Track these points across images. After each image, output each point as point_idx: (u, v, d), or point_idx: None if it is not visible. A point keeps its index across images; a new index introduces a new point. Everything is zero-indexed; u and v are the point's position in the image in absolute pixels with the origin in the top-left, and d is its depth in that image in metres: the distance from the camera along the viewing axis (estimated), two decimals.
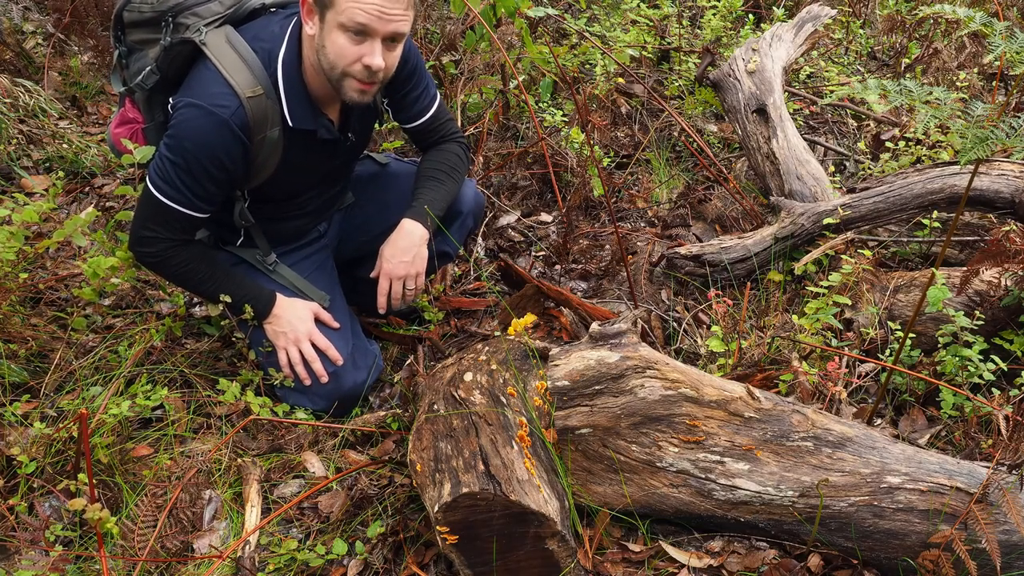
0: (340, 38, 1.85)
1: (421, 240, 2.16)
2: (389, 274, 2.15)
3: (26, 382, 2.12)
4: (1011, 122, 1.60)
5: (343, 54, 1.87)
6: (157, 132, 2.09)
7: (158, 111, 2.07)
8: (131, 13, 2.00)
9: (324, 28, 1.87)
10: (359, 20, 1.82)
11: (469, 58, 3.51)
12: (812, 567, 1.71)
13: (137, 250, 2.04)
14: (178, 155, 1.91)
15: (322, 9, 1.86)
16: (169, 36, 1.95)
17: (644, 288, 2.61)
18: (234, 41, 1.95)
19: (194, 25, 1.94)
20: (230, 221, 2.13)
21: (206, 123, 1.89)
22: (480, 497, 1.55)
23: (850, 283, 2.36)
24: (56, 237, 2.11)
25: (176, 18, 1.95)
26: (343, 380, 2.14)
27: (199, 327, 2.38)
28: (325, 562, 1.77)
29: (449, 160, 2.29)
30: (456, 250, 2.44)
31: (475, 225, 2.49)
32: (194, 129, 1.90)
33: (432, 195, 2.22)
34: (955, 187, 2.51)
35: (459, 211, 2.37)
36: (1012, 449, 1.77)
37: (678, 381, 1.74)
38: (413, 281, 2.18)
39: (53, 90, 3.61)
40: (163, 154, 1.93)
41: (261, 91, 1.93)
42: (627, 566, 1.76)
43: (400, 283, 2.16)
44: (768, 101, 3.08)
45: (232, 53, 1.93)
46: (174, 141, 1.91)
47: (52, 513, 1.82)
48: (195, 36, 1.93)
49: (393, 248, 2.15)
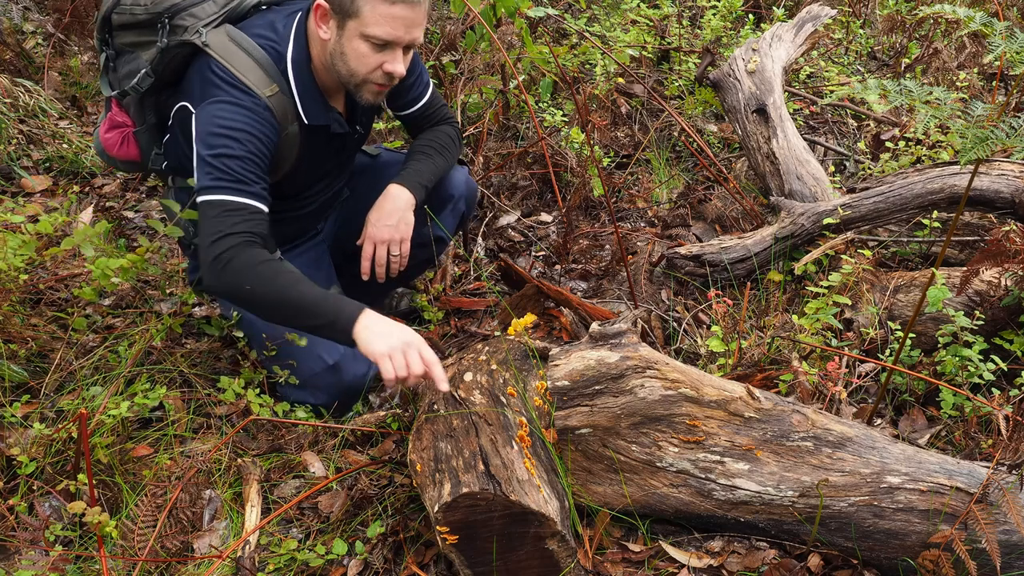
0: (362, 46, 1.86)
1: (406, 205, 2.13)
2: (373, 238, 2.13)
3: (26, 382, 2.12)
4: (1011, 122, 1.60)
5: (365, 62, 1.88)
6: (149, 134, 2.07)
7: (150, 113, 2.05)
8: (121, 16, 1.96)
9: (343, 35, 1.87)
10: (386, 35, 1.84)
11: (469, 58, 3.51)
12: (812, 567, 1.71)
13: (215, 273, 1.78)
14: (218, 146, 1.82)
15: (342, 17, 1.85)
16: (166, 38, 1.93)
17: (644, 288, 2.61)
18: (240, 40, 1.93)
19: (192, 26, 1.92)
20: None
21: (238, 110, 1.85)
22: (480, 497, 1.55)
23: (850, 283, 2.36)
24: (65, 245, 2.09)
25: (173, 20, 1.92)
26: (344, 373, 2.13)
27: (199, 327, 2.38)
28: (325, 562, 1.77)
29: (440, 139, 2.29)
30: (449, 235, 2.41)
31: (468, 211, 2.45)
32: (228, 117, 1.84)
33: (420, 166, 2.20)
34: (955, 187, 2.51)
35: (450, 195, 2.35)
36: (1012, 449, 1.77)
37: (678, 381, 1.74)
38: (398, 247, 2.13)
39: (53, 90, 3.61)
40: (202, 157, 1.84)
41: (277, 89, 1.92)
42: (627, 566, 1.76)
43: (384, 248, 2.13)
44: (768, 101, 3.08)
45: (241, 53, 1.91)
46: (210, 138, 1.83)
47: (52, 513, 1.82)
48: (195, 38, 1.91)
49: (379, 212, 2.13)
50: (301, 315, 1.76)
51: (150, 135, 2.08)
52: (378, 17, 1.82)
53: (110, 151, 2.13)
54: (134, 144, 2.12)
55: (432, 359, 1.70)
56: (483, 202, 3.11)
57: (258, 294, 1.78)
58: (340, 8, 1.85)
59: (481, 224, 3.02)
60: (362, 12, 1.82)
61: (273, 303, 1.78)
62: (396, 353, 1.68)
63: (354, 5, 1.83)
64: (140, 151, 2.14)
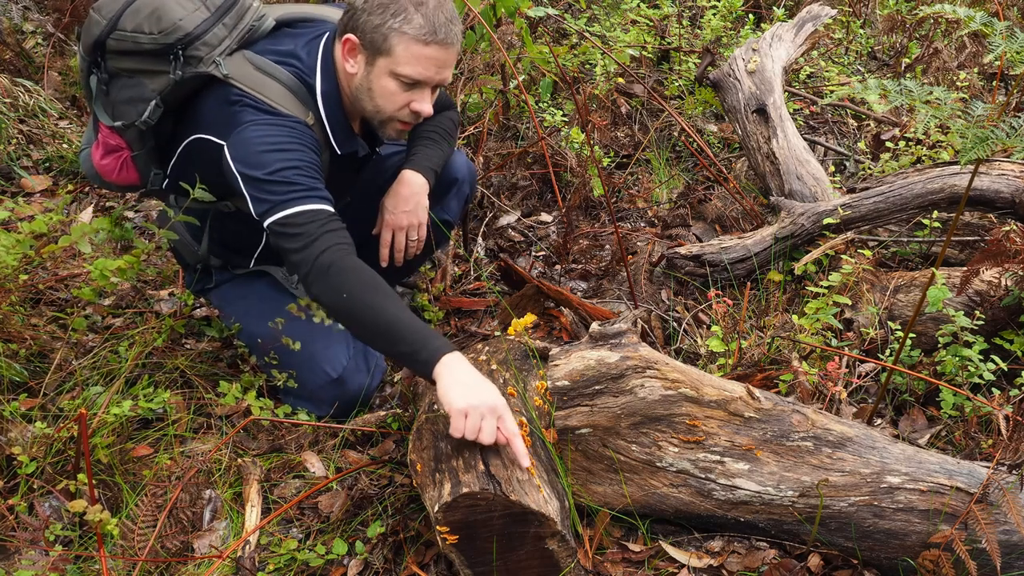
0: (391, 84, 1.83)
1: (422, 189, 2.12)
2: (392, 226, 2.11)
3: (26, 382, 2.12)
4: (1011, 122, 1.60)
5: (393, 100, 1.85)
6: (148, 157, 1.99)
7: (150, 138, 1.97)
8: (121, 43, 1.84)
9: (372, 71, 1.83)
10: (417, 75, 1.81)
11: (469, 58, 3.51)
12: (812, 567, 1.72)
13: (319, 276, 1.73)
14: (272, 163, 1.76)
15: (373, 54, 1.81)
16: (180, 70, 1.83)
17: (644, 288, 2.61)
18: (264, 67, 1.85)
19: (208, 57, 1.83)
20: (255, 243, 2.12)
21: (280, 128, 1.80)
22: (480, 497, 1.55)
23: (850, 283, 2.37)
24: (62, 243, 2.09)
25: (186, 51, 1.82)
26: (348, 385, 2.11)
27: (199, 327, 2.38)
28: (325, 562, 1.77)
29: (444, 124, 2.26)
30: (456, 217, 2.43)
31: (471, 192, 2.47)
32: (272, 134, 1.78)
33: (429, 151, 2.18)
34: (955, 187, 2.51)
35: (455, 178, 2.35)
36: (1012, 449, 1.77)
37: (678, 381, 1.74)
38: (415, 232, 2.13)
39: (53, 90, 3.61)
40: (257, 179, 1.77)
41: (312, 119, 1.87)
42: (627, 566, 1.76)
43: (403, 234, 2.12)
44: (768, 101, 3.08)
45: (270, 81, 1.84)
46: (259, 158, 1.77)
47: (52, 513, 1.82)
48: (212, 69, 1.83)
49: (395, 199, 2.11)
50: (389, 336, 1.67)
51: (148, 157, 2.00)
52: (411, 57, 1.79)
53: (107, 177, 2.05)
54: (132, 168, 2.04)
55: (513, 431, 1.59)
56: (483, 202, 3.12)
57: (356, 306, 1.70)
58: (371, 45, 1.80)
59: (481, 224, 3.03)
60: (395, 51, 1.79)
61: (367, 319, 1.69)
62: (474, 414, 1.58)
63: (387, 43, 1.78)
64: (139, 174, 2.06)
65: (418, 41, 1.77)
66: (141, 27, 1.82)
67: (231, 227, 2.10)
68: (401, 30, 1.77)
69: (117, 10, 1.84)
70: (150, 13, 1.82)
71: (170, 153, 2.01)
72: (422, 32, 1.77)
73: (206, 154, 1.89)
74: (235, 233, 2.11)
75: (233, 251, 2.19)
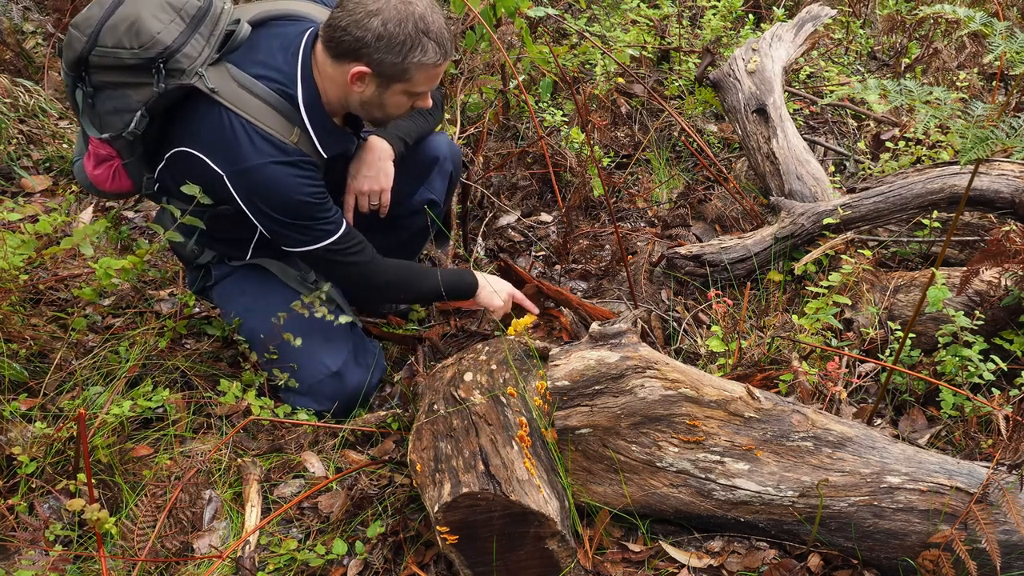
0: (403, 99, 1.96)
1: (386, 155, 2.18)
2: (355, 190, 2.18)
3: (26, 382, 2.12)
4: (1011, 122, 1.60)
5: (403, 108, 1.99)
6: (139, 164, 2.01)
7: (138, 145, 1.97)
8: (103, 58, 1.84)
9: (386, 92, 1.92)
10: (427, 87, 1.95)
11: (469, 58, 3.51)
12: (812, 567, 1.72)
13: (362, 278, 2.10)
14: (292, 208, 1.94)
15: (388, 81, 1.89)
16: (163, 83, 1.84)
17: (644, 288, 2.61)
18: (249, 85, 1.89)
19: (190, 69, 1.84)
20: (248, 237, 2.15)
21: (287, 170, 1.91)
22: (480, 497, 1.55)
23: (850, 283, 2.36)
24: (65, 245, 2.08)
25: (167, 63, 1.82)
26: (347, 380, 2.14)
27: (199, 327, 2.38)
28: (325, 562, 1.77)
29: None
30: (442, 197, 2.48)
31: (456, 171, 2.52)
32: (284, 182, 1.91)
33: (400, 122, 2.23)
34: (955, 187, 2.51)
35: (435, 156, 2.41)
36: (1012, 449, 1.77)
37: (678, 381, 1.74)
38: (378, 197, 2.19)
39: (53, 90, 3.61)
40: (282, 222, 1.95)
41: (299, 133, 1.93)
42: (627, 566, 1.76)
43: (365, 199, 2.19)
44: (768, 101, 3.08)
45: (255, 100, 1.89)
46: (279, 207, 1.93)
47: (52, 513, 1.82)
48: (196, 81, 1.84)
49: (358, 163, 2.17)
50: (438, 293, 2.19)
51: (139, 163, 2.01)
52: (425, 78, 1.91)
53: (101, 187, 2.06)
54: (125, 176, 2.05)
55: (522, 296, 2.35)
56: (483, 202, 3.11)
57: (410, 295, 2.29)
58: (388, 76, 1.88)
59: (481, 224, 3.03)
60: (414, 79, 1.90)
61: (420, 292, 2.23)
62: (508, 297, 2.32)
63: (407, 74, 1.88)
64: (132, 180, 2.07)
65: (434, 65, 1.90)
66: (121, 42, 1.82)
67: (226, 225, 2.11)
68: (420, 63, 1.87)
69: (95, 26, 1.83)
70: (128, 28, 1.81)
71: (157, 159, 2.02)
72: (436, 57, 1.88)
73: (197, 170, 1.92)
74: (231, 229, 2.12)
75: (229, 244, 2.19)
